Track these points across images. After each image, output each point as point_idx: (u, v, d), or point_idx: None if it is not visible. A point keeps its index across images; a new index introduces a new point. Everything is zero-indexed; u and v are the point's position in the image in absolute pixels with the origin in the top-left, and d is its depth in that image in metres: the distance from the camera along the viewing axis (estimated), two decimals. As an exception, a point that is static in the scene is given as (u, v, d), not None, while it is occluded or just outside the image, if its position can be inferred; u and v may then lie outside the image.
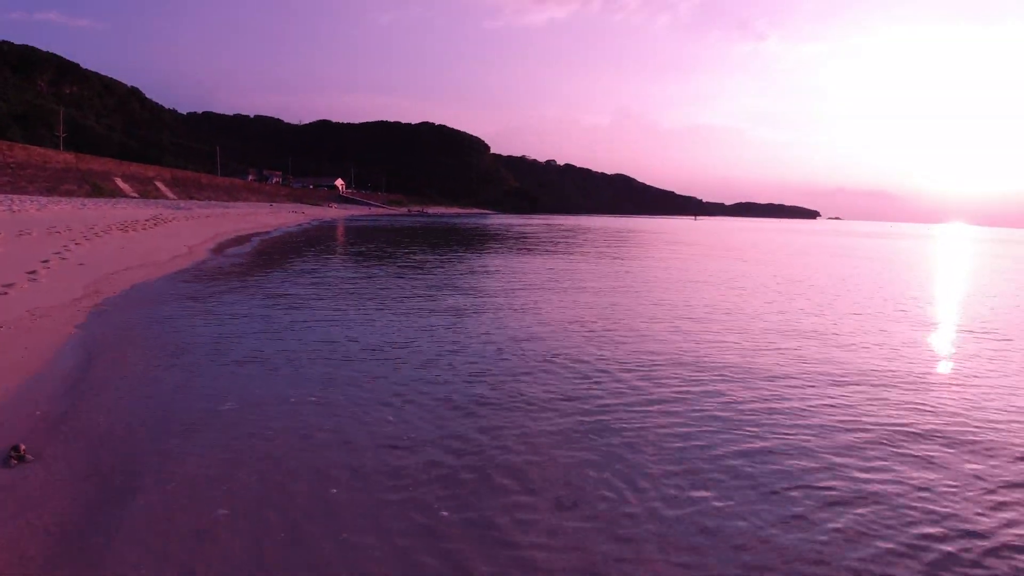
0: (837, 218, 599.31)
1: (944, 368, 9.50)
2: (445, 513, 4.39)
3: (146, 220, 33.21)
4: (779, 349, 10.06)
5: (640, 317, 12.71)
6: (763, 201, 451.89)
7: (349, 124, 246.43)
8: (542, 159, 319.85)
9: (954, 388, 8.13)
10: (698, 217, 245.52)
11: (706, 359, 9.16)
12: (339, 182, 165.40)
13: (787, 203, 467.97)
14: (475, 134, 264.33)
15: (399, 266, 22.38)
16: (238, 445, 5.41)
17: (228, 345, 9.05)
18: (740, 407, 6.98)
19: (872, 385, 8.04)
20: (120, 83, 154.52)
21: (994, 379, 8.63)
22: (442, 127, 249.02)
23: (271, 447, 5.40)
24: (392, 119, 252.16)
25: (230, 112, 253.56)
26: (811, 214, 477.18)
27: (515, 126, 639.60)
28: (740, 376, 8.29)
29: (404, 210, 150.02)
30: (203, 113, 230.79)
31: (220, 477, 4.79)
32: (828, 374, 8.53)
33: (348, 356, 8.66)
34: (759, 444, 5.88)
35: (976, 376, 8.78)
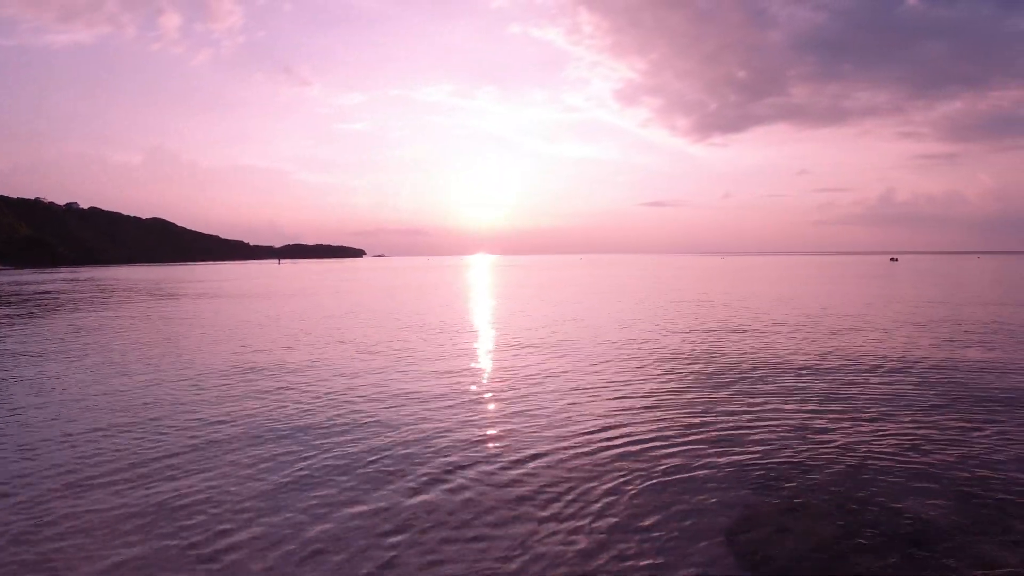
0: (382, 255, 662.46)
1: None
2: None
3: None
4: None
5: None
6: (311, 243, 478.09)
7: None
8: (61, 202, 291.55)
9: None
10: (281, 261, 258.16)
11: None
12: None
13: (334, 243, 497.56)
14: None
15: None
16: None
17: None
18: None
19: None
20: None
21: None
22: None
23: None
24: None
25: None
26: (358, 253, 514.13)
27: (27, 163, 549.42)
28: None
29: None
30: None
31: None
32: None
33: None
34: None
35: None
